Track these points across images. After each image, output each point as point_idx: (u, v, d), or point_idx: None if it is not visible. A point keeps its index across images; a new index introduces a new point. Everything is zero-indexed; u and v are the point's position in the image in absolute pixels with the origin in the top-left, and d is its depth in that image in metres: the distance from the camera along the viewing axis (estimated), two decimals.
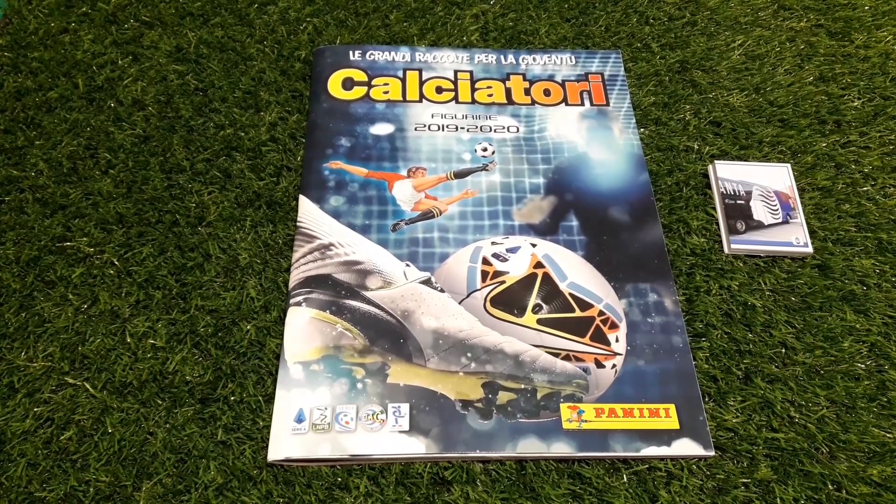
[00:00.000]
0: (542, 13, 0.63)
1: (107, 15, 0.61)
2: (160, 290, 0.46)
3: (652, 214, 0.50)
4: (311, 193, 0.50)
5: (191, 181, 0.51)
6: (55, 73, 0.57)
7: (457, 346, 0.43)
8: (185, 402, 0.42)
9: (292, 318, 0.44)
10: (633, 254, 0.48)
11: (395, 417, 0.41)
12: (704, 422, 0.41)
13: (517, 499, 0.39)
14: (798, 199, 0.50)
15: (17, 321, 0.45)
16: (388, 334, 0.44)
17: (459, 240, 0.48)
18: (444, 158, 0.52)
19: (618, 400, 0.42)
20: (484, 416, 0.41)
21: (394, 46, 0.58)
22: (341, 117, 0.54)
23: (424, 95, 0.56)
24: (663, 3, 0.64)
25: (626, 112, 0.55)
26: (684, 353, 0.44)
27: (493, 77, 0.57)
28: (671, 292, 0.46)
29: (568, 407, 0.42)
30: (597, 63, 0.58)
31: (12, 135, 0.54)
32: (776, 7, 0.64)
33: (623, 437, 0.41)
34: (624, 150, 0.53)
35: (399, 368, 0.42)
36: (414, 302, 0.45)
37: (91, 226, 0.49)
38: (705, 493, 0.40)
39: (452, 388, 0.42)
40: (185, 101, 0.55)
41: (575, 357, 0.43)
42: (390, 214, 0.49)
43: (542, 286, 0.46)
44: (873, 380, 0.44)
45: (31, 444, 0.41)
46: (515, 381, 0.42)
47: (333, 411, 0.41)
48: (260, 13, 0.61)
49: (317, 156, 0.52)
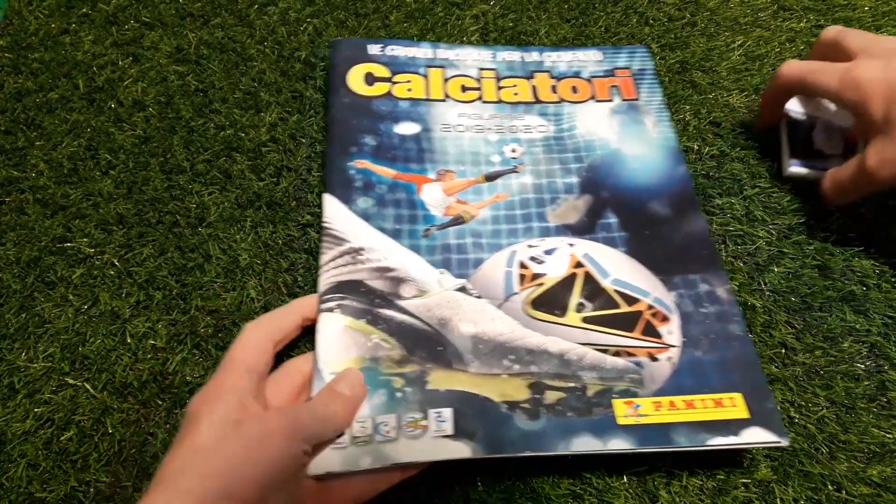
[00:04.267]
0: (542, 14, 0.63)
1: (107, 16, 0.61)
2: (160, 291, 0.46)
3: (693, 205, 0.49)
4: (337, 192, 0.48)
5: (191, 182, 0.51)
6: (55, 74, 0.57)
7: (498, 348, 0.42)
8: (186, 402, 0.42)
9: (325, 326, 0.42)
10: (678, 246, 0.47)
11: (437, 422, 0.39)
12: (775, 409, 0.40)
13: (517, 499, 0.39)
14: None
15: (18, 322, 0.45)
16: (426, 343, 0.42)
17: (493, 245, 0.47)
18: (473, 161, 0.51)
19: (677, 392, 0.40)
20: (532, 416, 0.39)
21: (414, 42, 0.57)
22: (364, 114, 0.52)
23: (449, 94, 0.54)
24: (663, 3, 0.64)
25: (659, 105, 0.55)
26: (744, 341, 0.42)
27: (518, 75, 0.56)
28: (723, 281, 0.45)
29: (623, 402, 0.40)
30: (624, 58, 0.58)
31: (13, 135, 0.54)
32: (776, 7, 0.64)
33: (686, 429, 0.39)
34: (658, 143, 0.52)
35: (439, 375, 0.41)
36: (450, 309, 0.44)
37: (91, 226, 0.49)
38: (705, 493, 0.40)
39: (496, 390, 0.40)
40: (185, 102, 0.55)
41: (626, 352, 0.42)
42: (420, 219, 0.48)
43: (584, 285, 0.45)
44: (873, 380, 0.44)
45: (32, 444, 0.41)
46: (563, 379, 0.41)
47: (374, 422, 0.39)
48: (260, 14, 0.61)
49: (341, 153, 0.50)
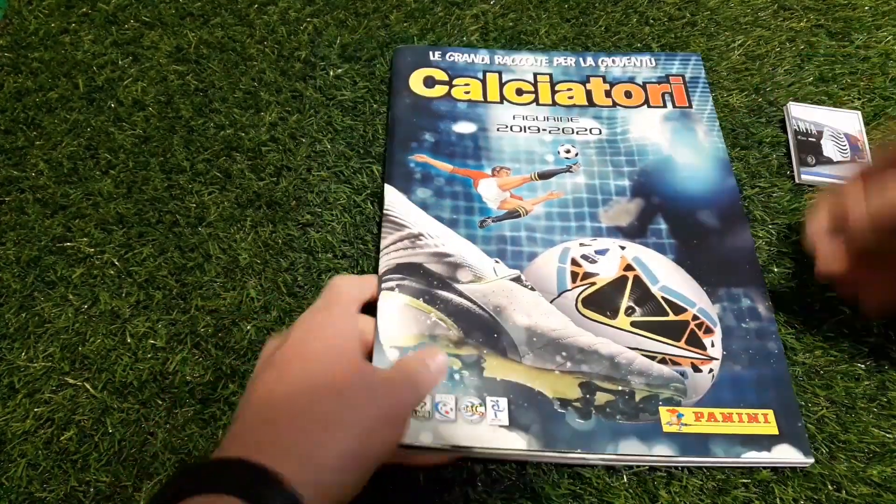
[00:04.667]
0: (542, 13, 0.63)
1: (107, 15, 0.61)
2: (160, 291, 0.46)
3: (741, 219, 0.49)
4: (397, 183, 0.50)
5: (191, 181, 0.51)
6: (55, 74, 0.57)
7: (551, 344, 0.43)
8: (186, 402, 0.42)
9: (386, 303, 0.43)
10: (723, 259, 0.47)
11: (495, 411, 0.40)
12: (803, 428, 0.41)
13: (517, 499, 0.39)
14: (866, 142, 0.53)
15: (18, 321, 0.45)
16: (482, 328, 0.44)
17: (547, 240, 0.48)
18: (528, 160, 0.52)
19: (716, 405, 0.41)
20: (583, 416, 0.40)
21: (473, 49, 0.59)
22: (424, 113, 0.54)
23: (505, 97, 0.56)
24: (663, 3, 0.64)
25: (710, 114, 0.55)
26: (779, 359, 0.43)
27: (573, 80, 0.57)
28: (763, 298, 0.46)
29: (667, 410, 0.41)
30: (677, 65, 0.58)
31: (13, 135, 0.54)
32: (776, 7, 0.64)
33: (723, 441, 0.40)
34: (710, 153, 0.53)
35: (495, 363, 0.42)
36: (505, 298, 0.45)
37: (91, 226, 0.49)
38: (705, 493, 0.40)
39: (549, 385, 0.42)
40: (185, 102, 0.55)
41: (671, 361, 0.43)
42: (477, 211, 0.49)
43: (633, 288, 0.46)
44: (873, 380, 0.44)
45: (32, 444, 0.41)
46: (612, 382, 0.42)
47: (433, 399, 0.40)
48: (260, 13, 0.61)
49: (401, 148, 0.52)
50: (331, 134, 0.54)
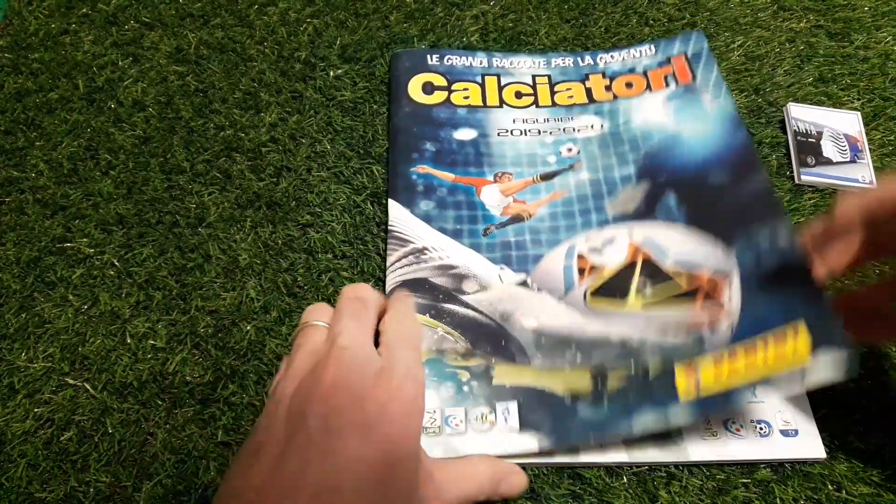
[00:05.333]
0: (541, 14, 0.63)
1: (107, 16, 0.61)
2: (160, 291, 0.46)
3: (754, 163, 0.48)
4: (400, 197, 0.49)
5: (191, 182, 0.51)
6: (55, 75, 0.57)
7: (560, 342, 0.43)
8: (186, 402, 0.42)
9: None
10: (740, 205, 0.46)
11: (505, 417, 0.40)
12: (840, 328, 0.37)
13: (517, 499, 0.39)
14: (866, 143, 0.54)
15: (18, 322, 0.45)
16: (489, 337, 0.43)
17: (552, 240, 0.48)
18: (529, 163, 0.52)
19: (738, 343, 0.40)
20: (595, 404, 0.40)
21: (470, 52, 0.58)
22: (424, 121, 0.54)
23: (504, 101, 0.56)
24: (663, 3, 0.64)
25: (716, 79, 0.54)
26: (803, 271, 0.40)
27: (572, 79, 0.57)
28: (786, 225, 0.43)
29: (684, 378, 0.40)
30: (678, 45, 0.58)
31: (13, 136, 0.54)
32: (776, 8, 0.64)
33: (747, 389, 0.38)
34: (716, 115, 0.52)
35: (504, 369, 0.42)
36: (512, 304, 0.45)
37: (91, 227, 0.49)
38: (705, 493, 0.40)
39: (560, 382, 0.41)
40: (185, 102, 0.55)
41: (686, 328, 0.42)
42: (480, 219, 0.49)
43: (643, 269, 0.45)
44: (873, 380, 0.44)
45: (32, 444, 0.41)
46: (625, 366, 0.41)
47: (443, 414, 0.40)
48: (260, 14, 0.61)
49: (403, 160, 0.51)
50: (331, 134, 0.54)
